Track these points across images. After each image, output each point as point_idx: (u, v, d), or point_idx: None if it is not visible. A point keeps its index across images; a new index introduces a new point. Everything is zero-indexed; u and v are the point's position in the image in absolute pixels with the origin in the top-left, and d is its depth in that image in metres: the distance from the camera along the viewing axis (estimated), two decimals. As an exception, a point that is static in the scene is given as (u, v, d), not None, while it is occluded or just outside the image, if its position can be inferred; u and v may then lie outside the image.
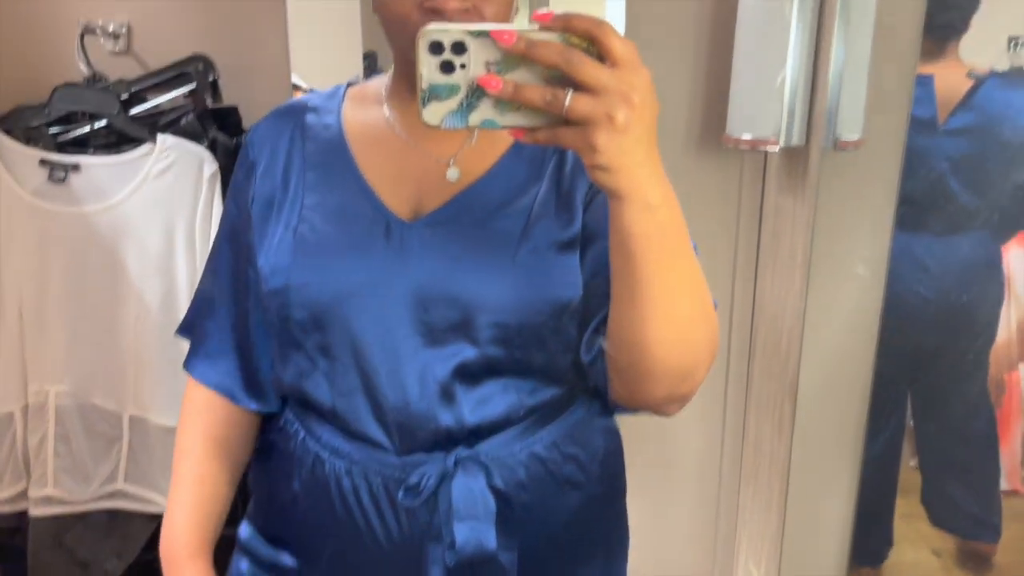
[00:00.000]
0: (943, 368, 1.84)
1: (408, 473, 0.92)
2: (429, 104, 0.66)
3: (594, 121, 0.63)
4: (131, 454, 1.68)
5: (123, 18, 1.74)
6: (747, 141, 1.58)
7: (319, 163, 0.95)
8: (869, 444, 1.86)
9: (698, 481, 1.95)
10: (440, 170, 0.93)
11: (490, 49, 0.65)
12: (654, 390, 0.81)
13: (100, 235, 1.61)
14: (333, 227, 0.91)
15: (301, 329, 0.91)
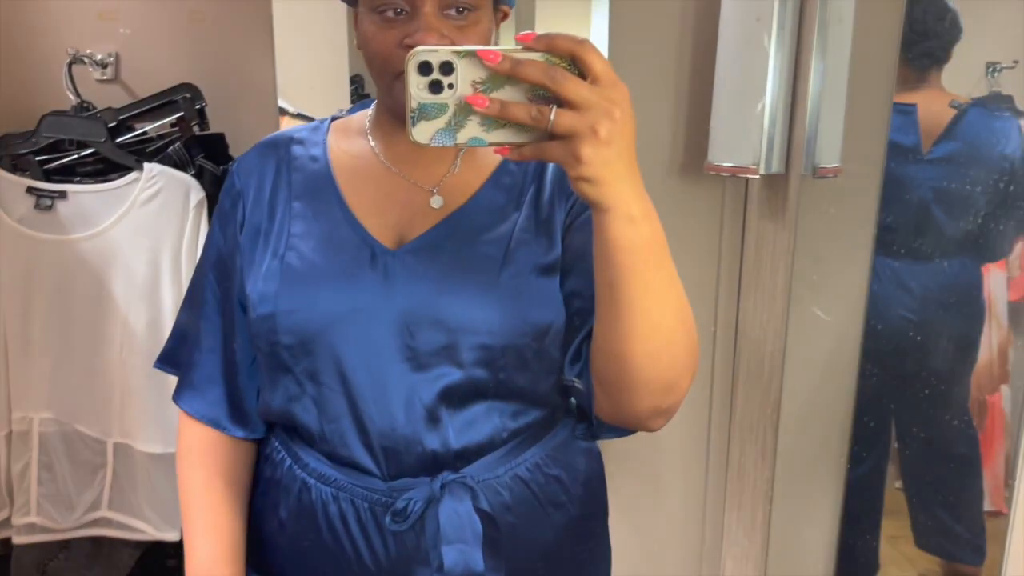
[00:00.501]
0: (925, 391, 1.85)
1: (395, 498, 0.92)
2: (418, 123, 0.69)
3: (579, 134, 0.66)
4: (115, 481, 1.67)
5: (111, 47, 1.76)
6: (728, 169, 1.60)
7: (305, 193, 0.97)
8: (854, 467, 1.86)
9: (683, 505, 1.95)
10: (424, 198, 0.95)
11: (477, 69, 0.67)
12: (639, 403, 0.83)
13: (86, 262, 1.62)
14: (319, 255, 0.93)
15: (290, 355, 0.92)
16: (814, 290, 1.77)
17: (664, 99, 1.73)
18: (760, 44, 1.53)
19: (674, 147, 1.76)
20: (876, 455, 1.88)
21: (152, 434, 1.64)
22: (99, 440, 1.66)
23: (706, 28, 1.67)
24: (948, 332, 1.81)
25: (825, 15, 1.52)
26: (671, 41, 1.72)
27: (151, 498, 1.67)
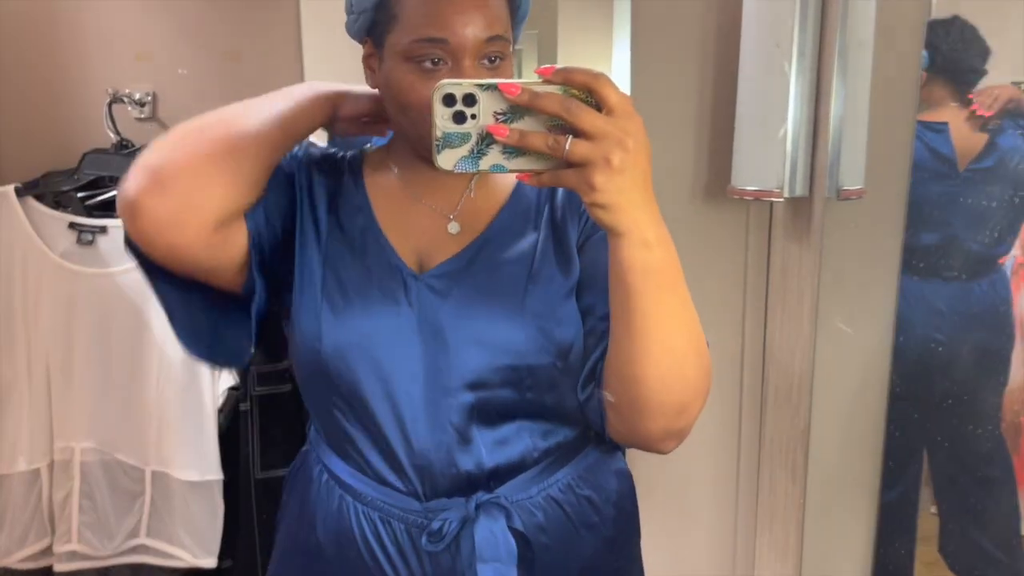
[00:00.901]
0: (957, 413, 1.84)
1: (431, 518, 0.94)
2: (443, 151, 0.73)
3: (592, 163, 0.69)
4: (153, 509, 1.70)
5: (149, 86, 1.81)
6: (752, 192, 1.61)
7: (346, 213, 1.00)
8: (886, 491, 1.85)
9: (714, 529, 1.95)
10: (442, 224, 0.98)
11: (498, 101, 0.72)
12: (651, 425, 0.84)
13: (125, 295, 1.66)
14: (356, 278, 0.95)
15: (328, 375, 0.94)
16: (841, 312, 1.77)
17: (687, 125, 1.76)
18: (781, 70, 1.55)
19: (698, 172, 1.77)
20: (908, 478, 1.86)
21: (188, 462, 1.68)
22: (138, 468, 1.69)
23: (727, 55, 1.70)
24: (978, 353, 1.80)
25: (845, 40, 1.53)
26: (693, 68, 1.75)
27: (188, 525, 1.70)
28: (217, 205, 0.86)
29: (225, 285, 0.95)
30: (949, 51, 1.66)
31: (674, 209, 1.73)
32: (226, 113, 0.91)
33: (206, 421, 1.67)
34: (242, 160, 0.88)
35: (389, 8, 0.90)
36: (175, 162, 0.85)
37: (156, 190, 0.84)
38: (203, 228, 0.86)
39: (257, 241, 0.93)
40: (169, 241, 0.86)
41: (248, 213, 0.92)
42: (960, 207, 1.74)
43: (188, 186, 0.85)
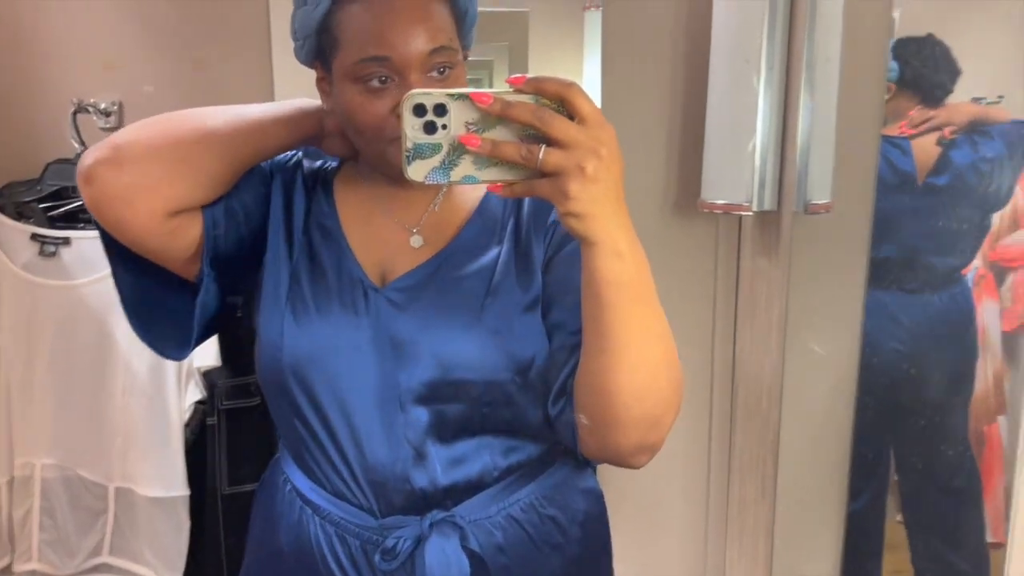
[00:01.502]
0: (922, 423, 1.86)
1: (385, 536, 0.93)
2: (413, 162, 0.72)
3: (566, 172, 0.69)
4: (117, 526, 1.67)
5: (115, 96, 1.79)
6: (721, 206, 1.62)
7: (316, 225, 0.99)
8: (853, 500, 1.86)
9: (684, 541, 1.95)
10: (405, 237, 0.98)
11: (469, 110, 0.71)
12: (624, 440, 0.83)
13: (89, 307, 1.63)
14: (319, 293, 0.95)
15: (287, 385, 0.94)
16: (809, 325, 1.78)
17: (657, 139, 1.76)
18: (750, 84, 1.56)
19: (668, 186, 1.78)
20: (875, 488, 1.88)
21: (153, 478, 1.65)
22: (101, 485, 1.66)
23: (697, 70, 1.71)
24: (943, 364, 1.83)
25: (812, 55, 1.55)
26: (663, 82, 1.76)
27: (152, 543, 1.67)
28: (170, 193, 0.88)
29: (179, 271, 0.96)
30: (920, 67, 1.69)
31: (644, 222, 1.73)
32: (206, 110, 0.92)
33: (172, 436, 1.64)
34: (205, 156, 0.89)
35: (331, 31, 0.91)
36: (138, 143, 0.87)
37: (113, 164, 0.86)
38: (153, 212, 0.88)
39: (212, 236, 0.94)
40: (117, 215, 0.87)
41: (207, 208, 0.93)
42: (922, 221, 1.76)
43: (144, 169, 0.86)
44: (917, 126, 1.71)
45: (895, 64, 1.70)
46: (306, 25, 0.93)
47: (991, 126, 1.70)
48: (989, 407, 1.82)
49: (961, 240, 1.77)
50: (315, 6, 0.91)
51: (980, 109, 1.70)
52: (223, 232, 0.95)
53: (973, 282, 1.78)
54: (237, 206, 0.96)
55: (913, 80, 1.70)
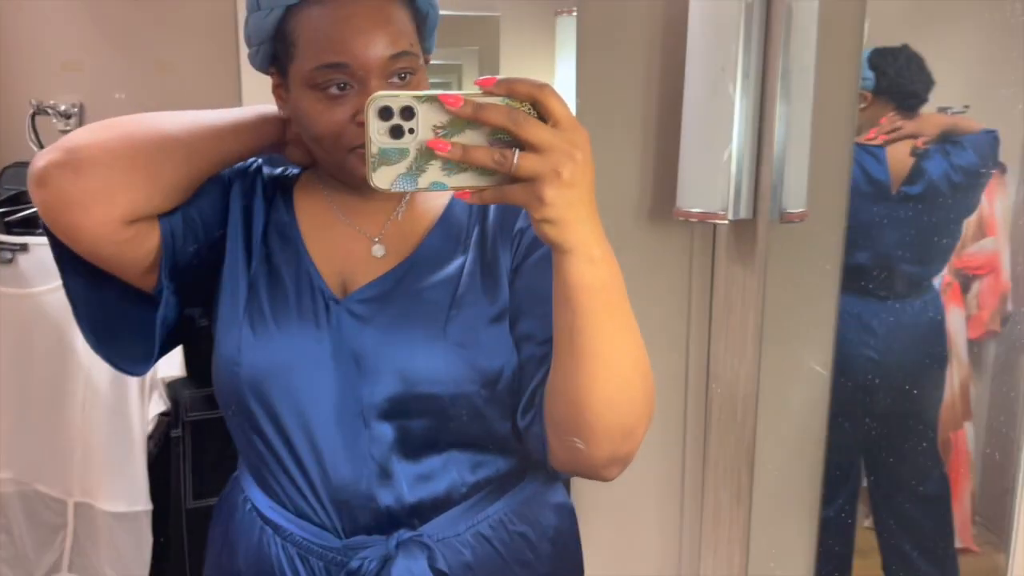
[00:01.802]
0: (894, 429, 1.87)
1: (350, 557, 0.90)
2: (379, 169, 0.68)
3: (542, 177, 0.66)
4: (76, 542, 1.63)
5: (75, 97, 1.74)
6: (697, 214, 1.62)
7: (275, 234, 0.96)
8: (825, 507, 1.87)
9: (658, 551, 1.94)
10: (366, 247, 0.95)
11: (438, 113, 0.67)
12: (596, 451, 0.81)
13: (48, 316, 1.58)
14: (278, 304, 0.92)
15: (245, 400, 0.91)
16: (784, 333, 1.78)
17: (633, 146, 1.76)
18: (725, 92, 1.56)
19: (643, 193, 1.77)
20: (846, 494, 1.89)
21: (115, 492, 1.61)
22: (60, 500, 1.62)
23: (672, 77, 1.70)
24: (914, 371, 1.84)
25: (788, 63, 1.55)
26: (638, 90, 1.75)
27: (113, 559, 1.63)
28: (128, 200, 0.84)
29: (135, 283, 0.93)
30: (895, 75, 1.70)
31: (619, 230, 1.73)
32: (164, 115, 0.89)
33: (135, 449, 1.60)
34: (165, 163, 0.86)
35: (287, 37, 0.88)
36: (95, 146, 0.83)
37: (68, 167, 0.82)
38: (109, 218, 0.84)
39: (171, 246, 0.90)
40: (71, 221, 0.83)
41: (164, 217, 0.90)
42: (895, 230, 1.77)
43: (101, 173, 0.82)
44: (888, 133, 1.72)
45: (871, 73, 1.71)
46: (260, 31, 0.89)
47: (962, 136, 1.71)
48: (956, 414, 1.84)
49: (933, 248, 1.78)
50: (268, 11, 0.88)
51: (951, 119, 1.71)
52: (181, 242, 0.91)
53: (940, 290, 1.80)
54: (195, 215, 0.93)
55: (888, 89, 1.71)
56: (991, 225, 1.76)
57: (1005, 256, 1.76)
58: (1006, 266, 1.76)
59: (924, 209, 1.75)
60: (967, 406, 1.83)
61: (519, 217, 0.95)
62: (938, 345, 1.82)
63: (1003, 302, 1.78)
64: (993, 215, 1.75)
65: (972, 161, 1.72)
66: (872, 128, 1.74)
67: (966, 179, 1.73)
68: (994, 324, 1.80)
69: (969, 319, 1.80)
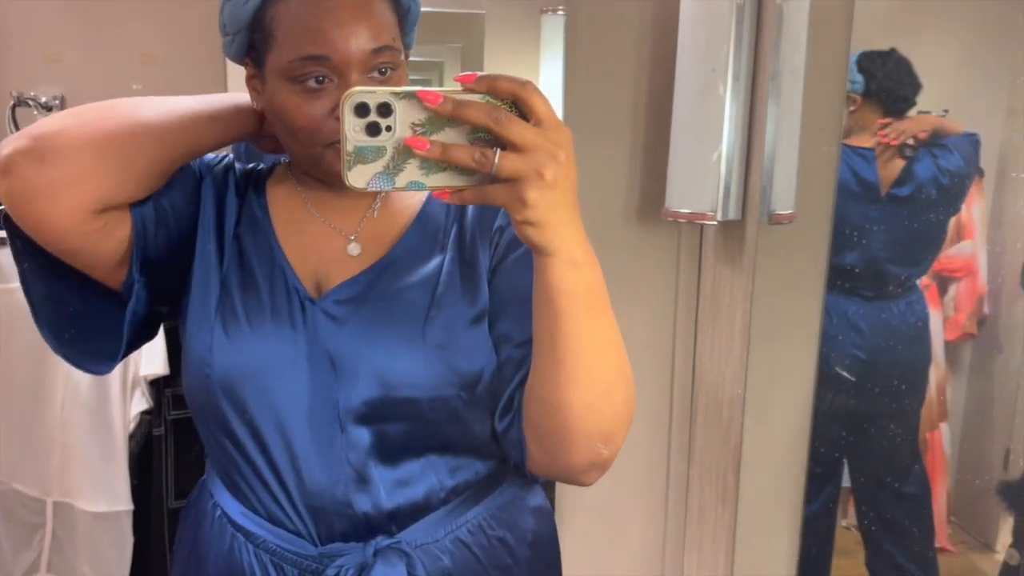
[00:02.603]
0: (877, 429, 1.89)
1: (326, 564, 0.88)
2: (355, 167, 0.66)
3: (524, 178, 0.64)
4: (55, 543, 1.60)
5: (57, 89, 1.71)
6: (686, 215, 1.62)
7: (248, 231, 0.94)
8: (807, 506, 1.88)
9: (642, 552, 1.94)
10: (342, 245, 0.92)
11: (416, 110, 0.65)
12: (576, 455, 0.80)
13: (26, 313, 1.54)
14: (251, 304, 0.89)
15: (216, 403, 0.88)
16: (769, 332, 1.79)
17: (621, 146, 1.75)
18: (716, 93, 1.56)
19: (631, 193, 1.77)
20: (827, 493, 1.90)
21: (95, 493, 1.58)
22: (38, 500, 1.59)
23: (663, 77, 1.71)
24: (898, 371, 1.86)
25: (778, 65, 1.56)
26: (628, 90, 1.75)
27: (93, 560, 1.60)
28: (98, 189, 0.81)
29: (102, 278, 0.90)
30: (884, 79, 1.72)
31: (607, 230, 1.72)
32: (135, 102, 0.85)
33: (116, 447, 1.57)
34: (137, 150, 0.83)
35: (264, 27, 0.85)
36: (64, 134, 0.79)
37: (34, 156, 0.78)
38: (78, 208, 0.81)
39: (142, 238, 0.88)
40: (37, 212, 0.80)
41: (135, 207, 0.87)
42: (883, 231, 1.79)
43: (70, 161, 0.79)
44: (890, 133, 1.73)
45: (860, 77, 1.72)
46: (236, 19, 0.86)
47: (947, 138, 1.74)
48: (932, 415, 1.86)
49: (919, 250, 1.80)
50: (245, 0, 0.85)
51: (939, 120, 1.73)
52: (153, 233, 0.88)
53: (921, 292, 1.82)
54: (167, 205, 0.90)
55: (878, 92, 1.72)
56: (969, 228, 1.78)
57: (982, 259, 1.78)
58: (983, 269, 1.78)
59: (912, 211, 1.77)
60: (943, 407, 1.85)
61: (498, 215, 0.93)
62: (922, 345, 1.84)
63: (980, 305, 1.80)
64: (971, 218, 1.78)
65: (958, 164, 1.74)
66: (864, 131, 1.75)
67: (952, 181, 1.75)
68: (971, 326, 1.82)
69: (946, 321, 1.82)
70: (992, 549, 1.85)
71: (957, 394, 1.86)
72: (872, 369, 1.85)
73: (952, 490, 1.88)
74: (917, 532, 1.91)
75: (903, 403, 1.86)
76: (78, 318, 0.92)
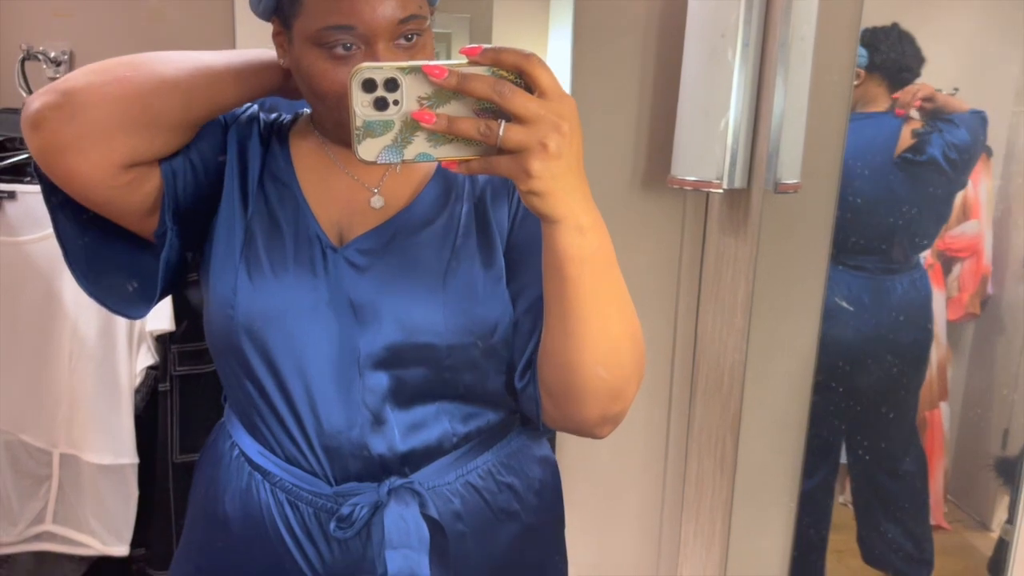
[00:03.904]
0: (877, 405, 1.89)
1: (340, 504, 0.91)
2: (364, 141, 0.68)
3: (528, 149, 0.66)
4: (61, 494, 1.61)
5: (65, 44, 1.71)
6: (692, 183, 1.62)
7: (271, 180, 0.96)
8: (805, 481, 1.89)
9: (640, 518, 1.96)
10: (365, 197, 0.94)
11: (422, 84, 0.67)
12: (587, 411, 0.83)
13: (35, 265, 1.56)
14: (275, 250, 0.91)
15: (239, 345, 0.90)
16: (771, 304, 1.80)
17: (629, 113, 1.75)
18: (724, 60, 1.56)
19: (637, 160, 1.77)
20: (827, 468, 1.91)
21: (101, 444, 1.59)
22: (45, 451, 1.60)
23: (671, 44, 1.70)
24: (899, 349, 1.86)
25: (788, 33, 1.55)
26: (636, 56, 1.75)
27: (98, 511, 1.61)
28: (127, 145, 0.83)
29: (133, 227, 0.92)
30: (887, 51, 1.71)
31: (613, 197, 1.73)
32: (160, 58, 0.86)
33: (121, 401, 1.58)
34: (165, 107, 0.84)
35: None
36: (93, 90, 0.81)
37: (64, 111, 0.80)
38: (107, 163, 0.83)
39: (172, 189, 0.90)
40: (67, 165, 0.82)
41: (164, 160, 0.89)
42: (889, 206, 1.78)
43: (99, 117, 0.81)
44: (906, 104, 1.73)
45: (864, 51, 1.72)
46: None
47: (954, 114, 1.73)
48: (932, 393, 1.86)
49: (924, 226, 1.80)
50: None
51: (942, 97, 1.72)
52: (182, 185, 0.91)
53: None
54: (195, 157, 0.92)
55: (882, 65, 1.72)
56: (975, 208, 1.78)
57: (987, 239, 1.78)
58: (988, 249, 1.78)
59: (918, 187, 1.77)
60: (944, 386, 1.86)
61: None
62: (924, 323, 1.85)
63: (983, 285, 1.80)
64: (977, 198, 1.77)
65: (964, 138, 1.73)
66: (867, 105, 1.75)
67: (960, 156, 1.74)
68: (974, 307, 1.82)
69: (949, 301, 1.81)
70: (988, 528, 1.86)
71: (958, 374, 1.86)
72: (873, 346, 1.86)
73: (950, 469, 1.89)
74: (911, 510, 1.92)
75: (903, 382, 1.87)
76: (112, 265, 0.94)
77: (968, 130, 1.73)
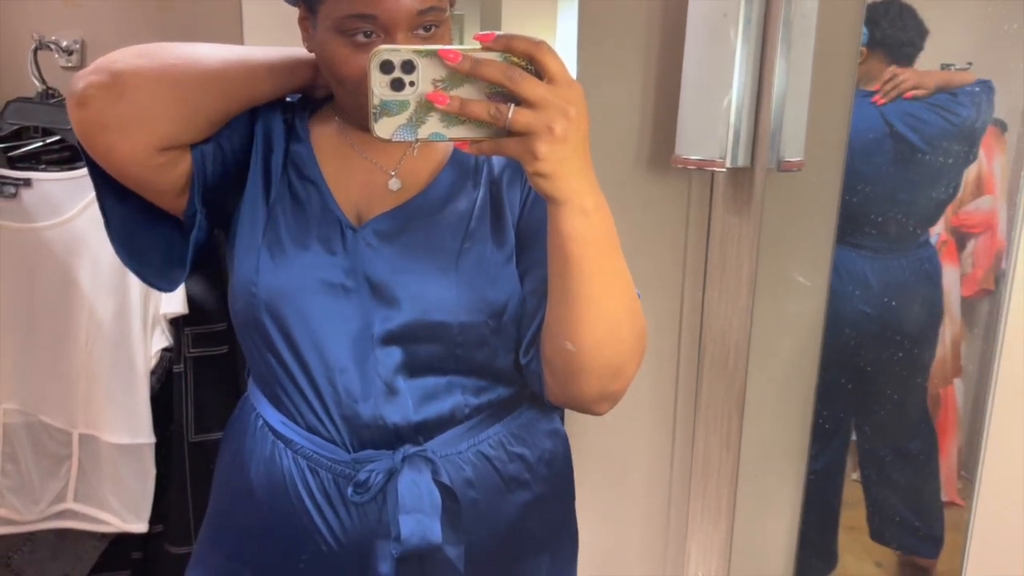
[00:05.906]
0: (885, 383, 1.89)
1: (357, 470, 0.95)
2: (381, 119, 0.72)
3: (535, 132, 0.70)
4: (81, 473, 1.66)
5: (77, 33, 1.74)
6: (695, 162, 1.62)
7: (293, 164, 1.00)
8: (814, 458, 1.90)
9: (647, 495, 1.98)
10: (383, 179, 0.98)
11: (437, 68, 0.71)
12: (587, 388, 0.87)
13: (51, 251, 1.60)
14: (296, 229, 0.96)
15: (261, 319, 0.95)
16: (777, 282, 1.80)
17: (632, 92, 1.75)
18: (727, 39, 1.56)
19: (641, 140, 1.78)
20: (836, 446, 1.92)
21: (118, 425, 1.63)
22: (64, 431, 1.64)
23: (674, 23, 1.70)
24: (908, 327, 1.86)
25: (790, 11, 1.55)
26: (639, 34, 1.74)
27: (117, 489, 1.66)
28: (165, 130, 0.88)
29: (166, 207, 0.97)
30: (888, 27, 1.70)
31: (617, 176, 1.73)
32: (199, 49, 0.92)
33: (137, 382, 1.62)
34: (204, 97, 0.89)
35: None
36: (141, 74, 0.85)
37: (112, 91, 0.84)
38: (146, 145, 0.87)
39: (202, 172, 0.94)
40: (108, 144, 0.87)
41: (196, 145, 0.94)
42: (893, 183, 1.78)
43: (143, 101, 0.85)
44: (887, 93, 1.72)
45: (865, 29, 1.71)
46: None
47: (958, 88, 1.71)
48: (946, 370, 1.86)
49: (930, 203, 1.79)
50: None
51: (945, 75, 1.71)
52: (211, 169, 0.95)
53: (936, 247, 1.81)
54: (225, 144, 0.97)
55: (883, 41, 1.70)
56: (989, 183, 1.76)
57: (1002, 214, 1.76)
58: (1003, 224, 1.77)
59: (922, 163, 1.76)
60: (958, 363, 1.85)
61: None
62: (934, 302, 1.84)
63: (998, 260, 1.79)
64: (992, 173, 1.76)
65: (969, 114, 1.72)
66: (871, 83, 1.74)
67: (962, 131, 1.73)
68: (988, 283, 1.81)
69: (963, 277, 1.81)
70: (1000, 503, 1.86)
71: (972, 350, 1.85)
72: (880, 325, 1.85)
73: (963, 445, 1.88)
74: (920, 486, 1.92)
75: (911, 360, 1.86)
76: (147, 240, 1.00)
77: (972, 102, 1.72)
